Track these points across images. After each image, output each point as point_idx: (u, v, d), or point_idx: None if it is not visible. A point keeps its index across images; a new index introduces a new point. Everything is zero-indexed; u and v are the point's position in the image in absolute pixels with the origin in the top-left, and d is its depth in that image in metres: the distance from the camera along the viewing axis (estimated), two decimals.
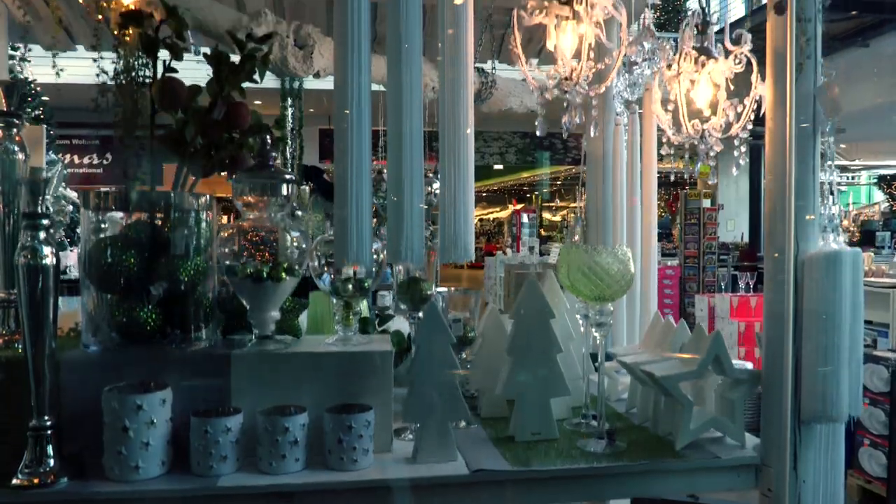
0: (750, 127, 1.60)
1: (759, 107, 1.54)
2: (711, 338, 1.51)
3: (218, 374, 1.47)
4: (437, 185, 2.36)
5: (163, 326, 1.48)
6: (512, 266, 11.05)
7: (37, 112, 5.72)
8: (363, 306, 1.93)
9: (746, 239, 13.85)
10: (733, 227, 14.51)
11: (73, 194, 6.53)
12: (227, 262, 1.52)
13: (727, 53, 1.59)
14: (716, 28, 1.59)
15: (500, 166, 15.23)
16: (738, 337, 6.57)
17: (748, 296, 6.92)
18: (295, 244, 1.54)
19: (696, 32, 1.60)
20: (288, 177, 1.55)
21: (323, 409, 1.43)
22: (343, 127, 1.45)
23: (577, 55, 1.47)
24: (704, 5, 1.97)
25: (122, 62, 1.54)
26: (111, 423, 1.32)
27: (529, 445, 1.55)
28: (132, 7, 1.64)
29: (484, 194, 22.16)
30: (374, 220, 2.18)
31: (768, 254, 1.42)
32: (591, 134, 1.60)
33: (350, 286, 1.61)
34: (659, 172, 2.35)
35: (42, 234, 1.34)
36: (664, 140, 1.71)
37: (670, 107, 1.61)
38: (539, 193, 19.83)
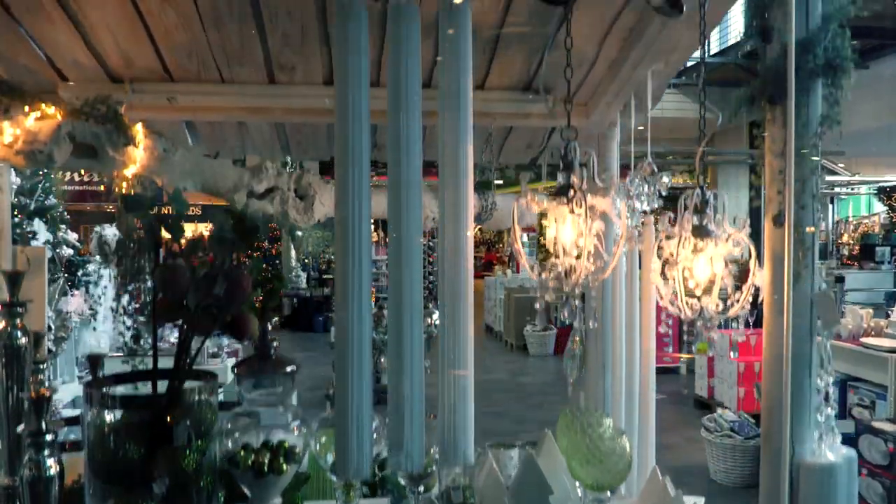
0: (748, 308, 1.61)
1: (758, 293, 1.55)
2: None
3: None
4: (436, 316, 2.37)
5: None
6: (512, 289, 11.09)
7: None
8: None
9: (746, 255, 13.83)
10: None
11: (73, 236, 6.54)
12: (229, 449, 1.53)
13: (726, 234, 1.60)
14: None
15: (500, 181, 15.21)
16: (737, 377, 6.58)
17: (747, 333, 6.94)
18: (295, 433, 1.55)
19: (694, 212, 1.61)
20: (289, 369, 1.56)
21: None
22: (343, 317, 1.47)
23: (577, 243, 1.48)
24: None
25: (123, 242, 1.56)
26: None
27: None
28: (134, 178, 1.66)
29: None
30: (374, 351, 2.18)
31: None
32: (591, 325, 1.61)
33: None
34: None
35: (46, 451, 1.35)
36: (663, 318, 1.72)
37: (667, 289, 1.62)
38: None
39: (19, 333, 1.57)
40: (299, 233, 12.86)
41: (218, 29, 1.93)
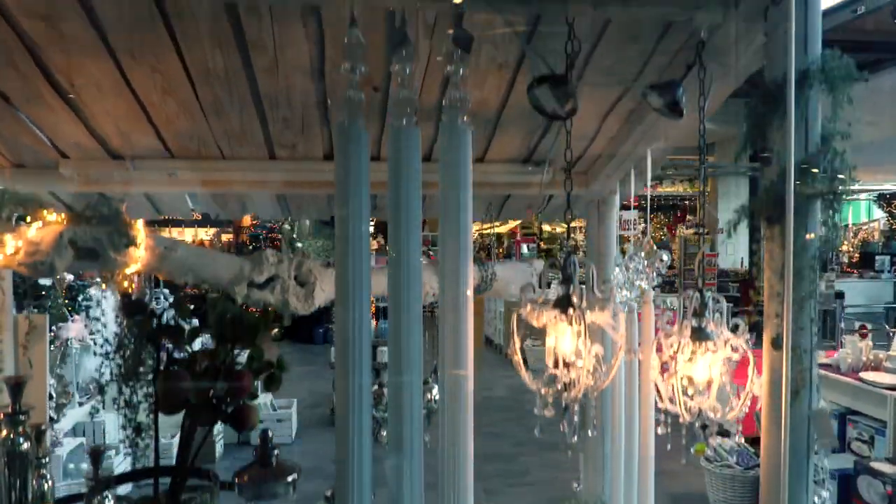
0: (746, 410, 1.62)
1: (756, 402, 1.56)
2: None
3: None
4: (435, 391, 2.38)
5: None
6: (511, 302, 11.07)
7: None
8: None
9: (746, 264, 13.85)
10: (733, 252, 14.49)
11: None
12: None
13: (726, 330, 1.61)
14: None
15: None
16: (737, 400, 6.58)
17: (746, 353, 6.92)
18: None
19: (693, 315, 1.62)
20: (290, 478, 1.57)
21: None
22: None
23: (576, 364, 1.48)
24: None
25: (124, 348, 1.58)
26: None
27: None
28: (134, 282, 1.67)
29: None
30: (375, 426, 2.21)
31: None
32: (590, 434, 1.62)
33: None
34: (660, 196, 2.33)
35: None
36: (661, 419, 1.73)
37: (665, 385, 1.62)
38: None
39: (21, 440, 1.58)
40: (299, 244, 12.86)
41: (219, 115, 1.94)
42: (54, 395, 3.07)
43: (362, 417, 1.50)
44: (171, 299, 1.88)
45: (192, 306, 1.71)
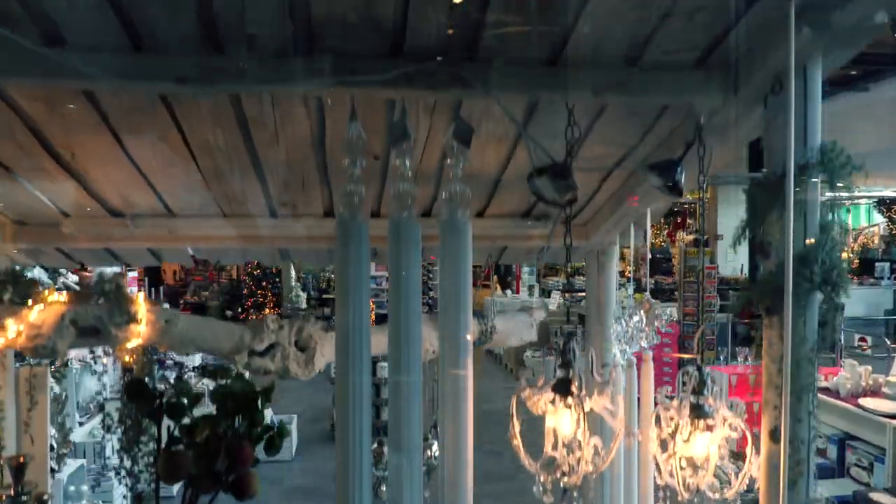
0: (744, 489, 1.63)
1: (753, 483, 1.57)
2: None
3: None
4: (435, 447, 2.38)
5: None
6: None
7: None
8: None
9: (746, 272, 13.85)
10: (733, 258, 14.50)
11: (73, 278, 6.55)
12: None
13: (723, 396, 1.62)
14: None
15: None
16: None
17: (747, 370, 6.92)
18: None
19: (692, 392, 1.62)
20: None
21: None
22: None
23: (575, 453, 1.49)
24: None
25: (126, 426, 1.59)
26: None
27: None
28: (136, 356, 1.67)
29: None
30: (375, 481, 2.21)
31: None
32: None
33: None
34: None
35: None
36: (661, 495, 1.74)
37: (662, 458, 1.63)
38: None
39: None
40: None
41: (219, 180, 1.95)
42: (55, 445, 3.09)
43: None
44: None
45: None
